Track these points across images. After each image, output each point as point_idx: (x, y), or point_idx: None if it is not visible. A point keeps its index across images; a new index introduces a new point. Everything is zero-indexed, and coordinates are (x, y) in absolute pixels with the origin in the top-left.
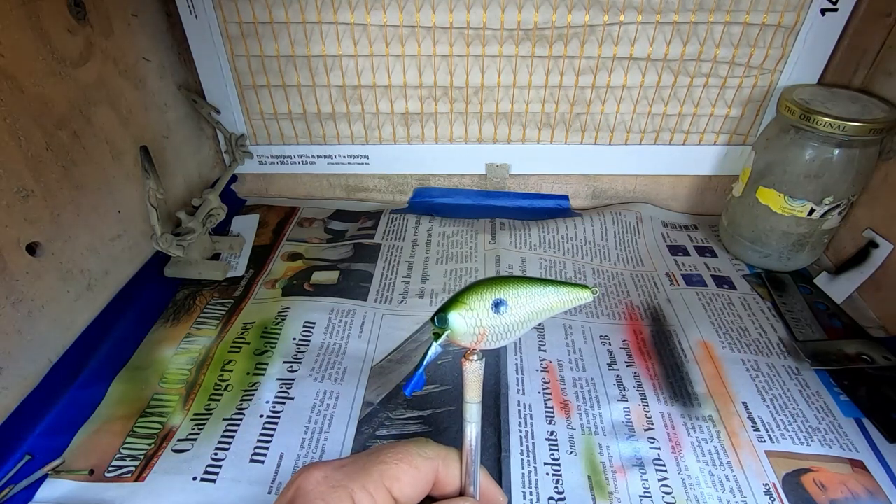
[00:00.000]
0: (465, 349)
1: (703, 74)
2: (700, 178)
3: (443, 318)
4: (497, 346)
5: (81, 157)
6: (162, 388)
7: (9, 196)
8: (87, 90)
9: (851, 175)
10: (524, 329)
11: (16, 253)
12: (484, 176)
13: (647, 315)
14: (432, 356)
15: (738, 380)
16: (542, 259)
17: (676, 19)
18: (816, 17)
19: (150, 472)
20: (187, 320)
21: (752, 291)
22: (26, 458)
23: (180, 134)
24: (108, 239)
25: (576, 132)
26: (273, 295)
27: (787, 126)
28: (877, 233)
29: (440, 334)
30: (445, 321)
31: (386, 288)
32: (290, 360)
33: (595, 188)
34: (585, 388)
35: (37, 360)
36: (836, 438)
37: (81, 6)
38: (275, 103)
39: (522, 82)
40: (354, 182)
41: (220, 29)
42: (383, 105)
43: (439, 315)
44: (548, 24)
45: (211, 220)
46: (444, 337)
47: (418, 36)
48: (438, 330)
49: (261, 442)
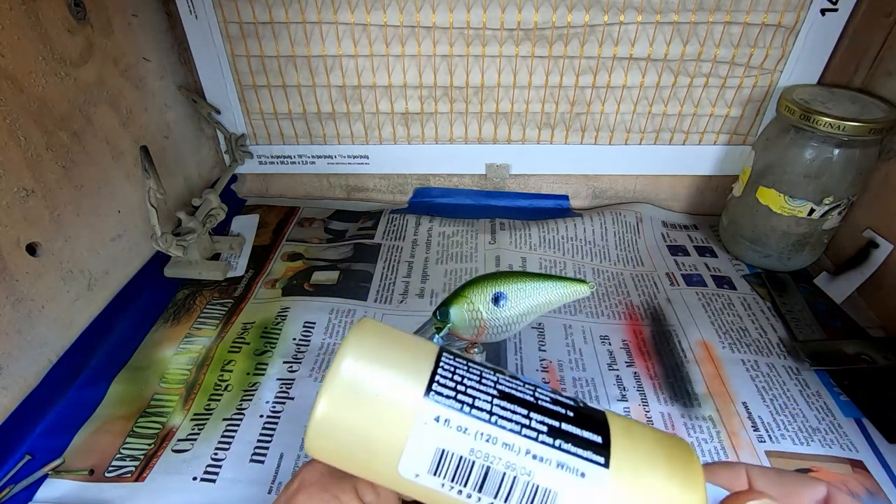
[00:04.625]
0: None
1: (703, 74)
2: (700, 178)
3: (444, 312)
4: (497, 339)
5: (81, 157)
6: (162, 388)
7: (9, 196)
8: (87, 90)
9: (851, 175)
10: (524, 323)
11: (16, 253)
12: (484, 176)
13: (647, 315)
14: None
15: (738, 380)
16: (542, 259)
17: (676, 19)
18: (816, 17)
19: (150, 472)
20: (187, 320)
21: (752, 291)
22: (26, 458)
23: (180, 134)
24: (108, 239)
25: (576, 132)
26: (273, 295)
27: (787, 126)
28: (877, 233)
29: (441, 328)
30: (447, 315)
31: (386, 288)
32: (290, 360)
33: (595, 188)
34: (585, 388)
35: (37, 360)
36: (836, 438)
37: (81, 6)
38: (275, 103)
39: (522, 82)
40: (354, 182)
41: (220, 29)
42: (383, 105)
43: (441, 309)
44: (548, 24)
45: (211, 220)
46: (446, 330)
47: (418, 36)
48: (440, 324)
49: (261, 442)
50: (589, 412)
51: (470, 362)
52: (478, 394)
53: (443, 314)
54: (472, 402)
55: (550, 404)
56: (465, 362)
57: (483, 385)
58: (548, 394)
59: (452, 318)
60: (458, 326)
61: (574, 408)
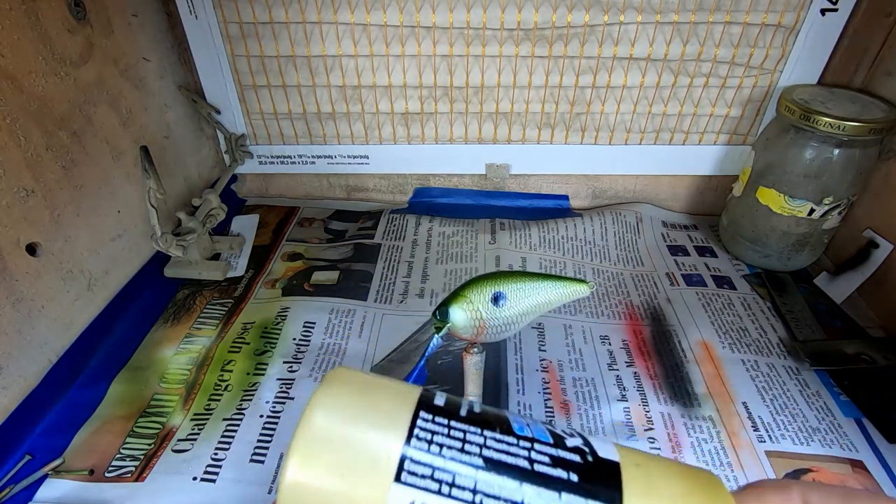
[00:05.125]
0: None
1: (703, 74)
2: (700, 178)
3: (444, 312)
4: (497, 338)
5: (81, 157)
6: (162, 388)
7: (9, 196)
8: (87, 90)
9: (851, 175)
10: (523, 322)
11: (16, 253)
12: (484, 176)
13: (647, 315)
14: (433, 348)
15: (738, 380)
16: (542, 259)
17: (676, 19)
18: (816, 17)
19: (150, 472)
20: (187, 320)
21: (752, 291)
22: (26, 458)
23: (180, 134)
24: (108, 239)
25: (576, 132)
26: (273, 295)
27: (787, 126)
28: (877, 233)
29: (441, 328)
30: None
31: (386, 288)
32: (291, 360)
33: (595, 188)
34: (585, 388)
35: (37, 360)
36: (836, 438)
37: (81, 6)
38: (275, 103)
39: (522, 82)
40: (354, 182)
41: (220, 29)
42: (383, 105)
43: (440, 308)
44: (548, 24)
45: (211, 220)
46: (445, 330)
47: (418, 36)
48: (440, 323)
49: (261, 442)
50: (597, 467)
51: (452, 419)
52: (459, 467)
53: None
54: (452, 481)
55: (549, 467)
56: (447, 422)
57: (466, 454)
58: (547, 451)
59: (452, 317)
60: (458, 326)
61: (579, 466)
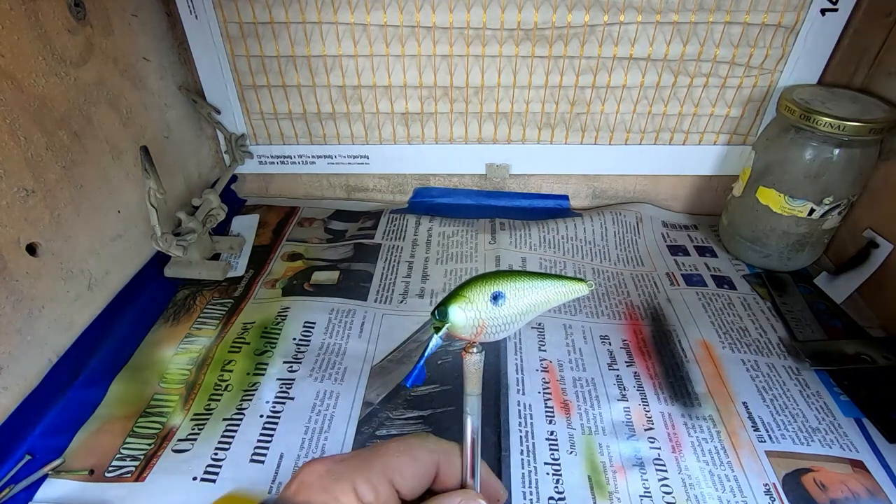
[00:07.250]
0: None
1: (703, 74)
2: (700, 178)
3: (443, 312)
4: (496, 338)
5: (81, 157)
6: (162, 388)
7: (9, 196)
8: (87, 90)
9: (851, 175)
10: (522, 321)
11: (16, 253)
12: (484, 176)
13: (647, 315)
14: (433, 348)
15: (738, 380)
16: (542, 259)
17: (676, 19)
18: (816, 17)
19: (150, 472)
20: (187, 320)
21: (752, 291)
22: (26, 458)
23: (180, 134)
24: (108, 239)
25: (576, 132)
26: (273, 295)
27: (787, 126)
28: (877, 233)
29: (441, 327)
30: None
31: (386, 288)
32: (291, 360)
33: (595, 188)
34: (585, 388)
35: (37, 360)
36: (836, 438)
37: (81, 6)
38: (275, 103)
39: (522, 82)
40: (354, 182)
41: (220, 29)
42: (383, 105)
43: (440, 308)
44: (548, 24)
45: (211, 220)
46: (445, 330)
47: (418, 36)
48: (439, 323)
49: (261, 442)
50: None
51: None
52: None
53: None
54: None
55: None
56: None
57: None
58: None
59: (451, 317)
60: (457, 326)
61: None
